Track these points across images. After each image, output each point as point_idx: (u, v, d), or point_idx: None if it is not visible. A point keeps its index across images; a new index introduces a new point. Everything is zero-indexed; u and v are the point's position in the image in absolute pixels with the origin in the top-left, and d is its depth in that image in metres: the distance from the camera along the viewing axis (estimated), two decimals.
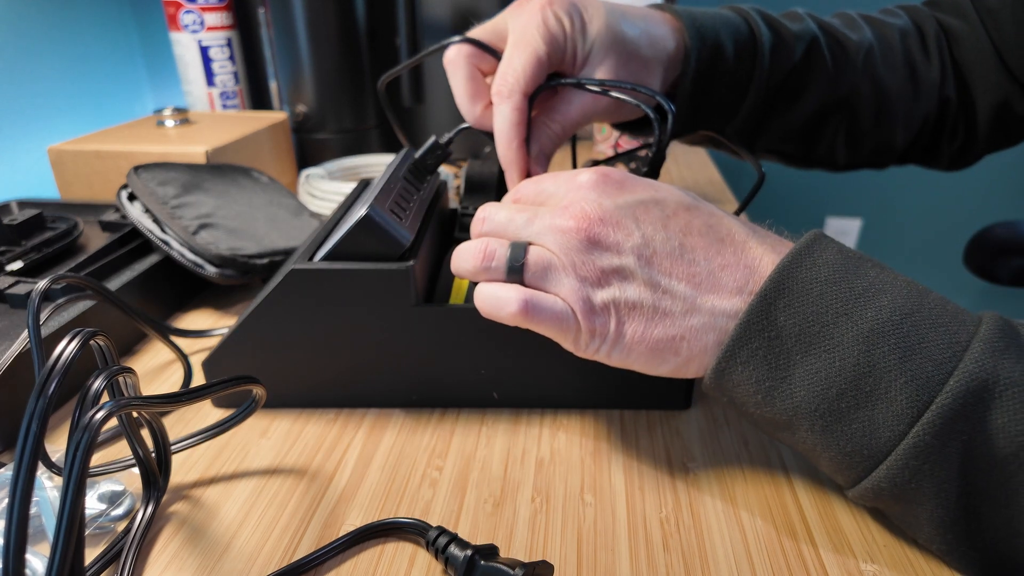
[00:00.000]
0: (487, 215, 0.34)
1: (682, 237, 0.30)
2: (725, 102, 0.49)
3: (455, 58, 0.42)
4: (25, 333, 0.37)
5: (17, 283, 0.43)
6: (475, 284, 0.39)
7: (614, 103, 0.43)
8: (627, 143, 0.90)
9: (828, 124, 0.53)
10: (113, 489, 0.33)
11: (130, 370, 0.28)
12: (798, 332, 0.28)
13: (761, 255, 0.30)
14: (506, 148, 0.41)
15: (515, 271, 0.31)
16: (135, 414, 0.32)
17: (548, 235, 0.31)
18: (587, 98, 0.42)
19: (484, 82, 0.44)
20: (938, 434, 0.25)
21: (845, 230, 1.84)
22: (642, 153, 0.56)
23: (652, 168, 0.43)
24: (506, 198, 0.36)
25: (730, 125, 0.50)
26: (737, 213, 0.40)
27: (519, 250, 0.31)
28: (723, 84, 0.48)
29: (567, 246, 0.30)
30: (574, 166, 0.45)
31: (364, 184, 0.50)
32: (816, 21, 0.52)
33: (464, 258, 0.33)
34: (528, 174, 0.42)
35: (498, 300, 0.32)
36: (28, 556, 0.29)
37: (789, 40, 0.49)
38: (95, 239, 0.54)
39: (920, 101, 0.54)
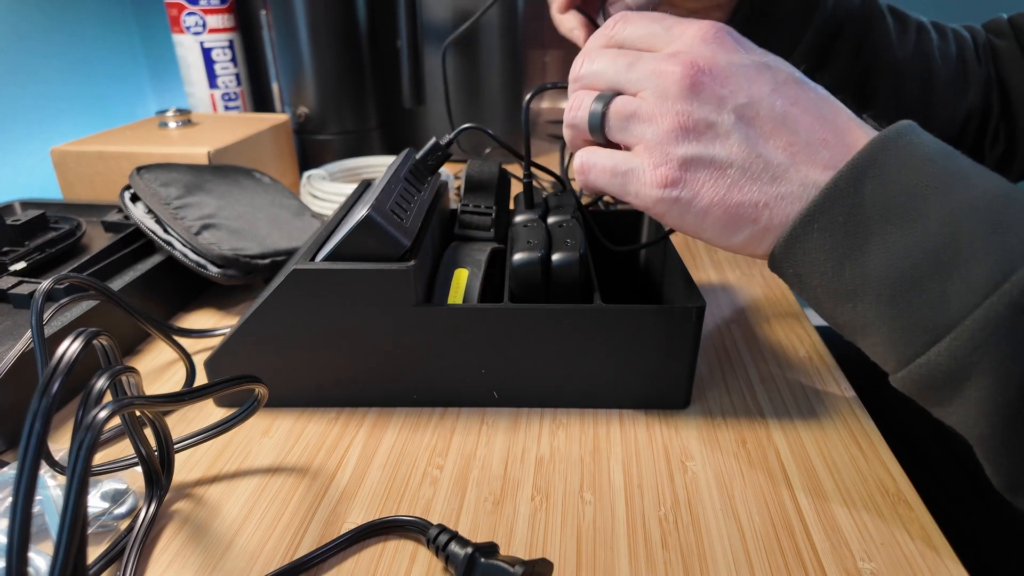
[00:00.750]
0: (584, 60, 0.33)
1: (788, 106, 0.29)
2: (789, 20, 0.49)
3: None
4: (28, 333, 0.37)
5: (20, 283, 0.44)
6: (475, 282, 0.40)
7: None
8: None
9: (878, 87, 0.52)
10: (116, 488, 0.33)
11: (133, 369, 0.28)
12: (884, 203, 0.26)
13: (861, 136, 0.29)
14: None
15: (596, 126, 0.31)
16: (138, 413, 0.32)
17: (649, 79, 0.30)
18: None
19: None
20: (1012, 304, 0.24)
21: None
22: None
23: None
24: (609, 35, 0.34)
25: (795, 53, 0.50)
26: None
27: (602, 102, 0.31)
28: (785, 5, 0.48)
29: (666, 92, 0.29)
30: (561, 165, 0.45)
31: (365, 185, 0.50)
32: None
33: (565, 118, 0.33)
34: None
35: (574, 161, 0.32)
36: (31, 555, 0.29)
37: None
38: (98, 239, 0.54)
39: (967, 95, 0.53)
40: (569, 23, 0.49)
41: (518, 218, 0.45)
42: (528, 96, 0.41)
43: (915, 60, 0.52)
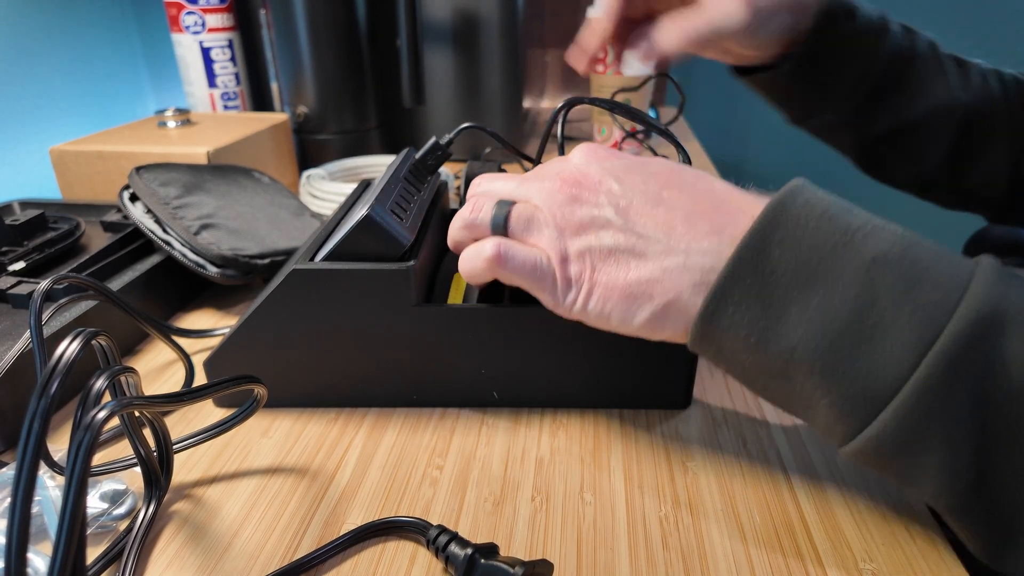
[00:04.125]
0: (479, 181, 0.37)
1: (660, 190, 0.31)
2: (848, 71, 0.50)
3: None
4: (27, 333, 0.37)
5: (19, 283, 0.44)
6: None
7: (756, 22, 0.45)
8: (628, 145, 0.90)
9: (942, 130, 0.52)
10: (115, 488, 0.33)
11: (132, 370, 0.28)
12: (795, 267, 0.26)
13: (745, 202, 0.30)
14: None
15: (499, 224, 0.33)
16: (137, 413, 0.32)
17: (534, 193, 0.33)
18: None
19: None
20: (949, 366, 0.24)
21: None
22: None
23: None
24: (476, 181, 0.38)
25: (849, 100, 0.51)
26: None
27: (504, 206, 0.34)
28: (850, 45, 0.49)
29: (550, 200, 0.32)
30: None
31: (365, 185, 0.50)
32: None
33: (455, 222, 0.36)
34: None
35: (476, 251, 0.33)
36: (30, 555, 0.29)
37: (913, 31, 0.51)
38: (97, 239, 0.54)
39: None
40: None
41: None
42: (561, 109, 0.43)
43: (978, 105, 0.52)
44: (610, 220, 0.31)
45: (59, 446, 0.36)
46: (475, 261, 0.33)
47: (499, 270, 0.33)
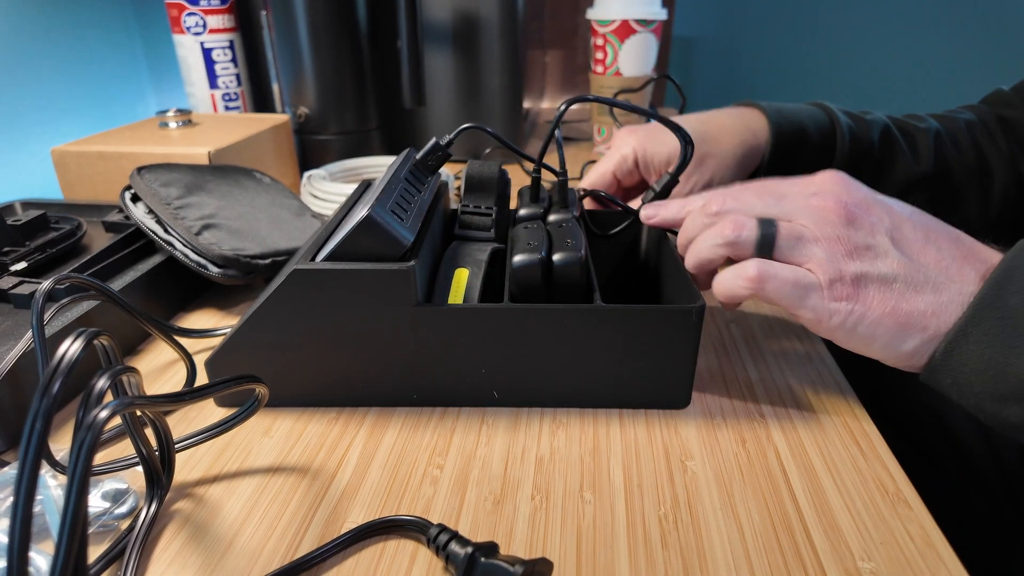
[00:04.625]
0: (726, 197, 0.36)
1: (925, 230, 0.34)
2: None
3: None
4: (29, 333, 0.37)
5: (21, 283, 0.44)
6: (476, 282, 0.40)
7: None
8: None
9: (913, 200, 0.56)
10: (117, 487, 0.33)
11: (133, 369, 0.28)
12: None
13: (990, 253, 0.33)
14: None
15: (767, 243, 0.34)
16: (138, 413, 0.32)
17: (803, 212, 0.34)
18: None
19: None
20: None
21: None
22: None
23: (664, 191, 0.45)
24: (717, 196, 0.38)
25: None
26: (674, 177, 0.45)
27: (770, 225, 0.34)
28: (804, 157, 0.53)
29: (824, 221, 0.33)
30: (562, 165, 0.46)
31: (366, 185, 0.50)
32: (885, 115, 0.57)
33: (707, 234, 0.36)
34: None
35: (737, 272, 0.34)
36: (32, 554, 0.29)
37: (864, 125, 0.55)
38: (98, 240, 0.54)
39: (994, 175, 0.57)
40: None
41: (522, 212, 0.46)
42: (561, 108, 0.43)
43: (936, 169, 0.55)
44: (887, 250, 0.33)
45: (61, 445, 0.36)
46: (736, 282, 0.34)
47: (760, 290, 0.33)
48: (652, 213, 0.43)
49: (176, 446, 0.35)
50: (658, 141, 0.54)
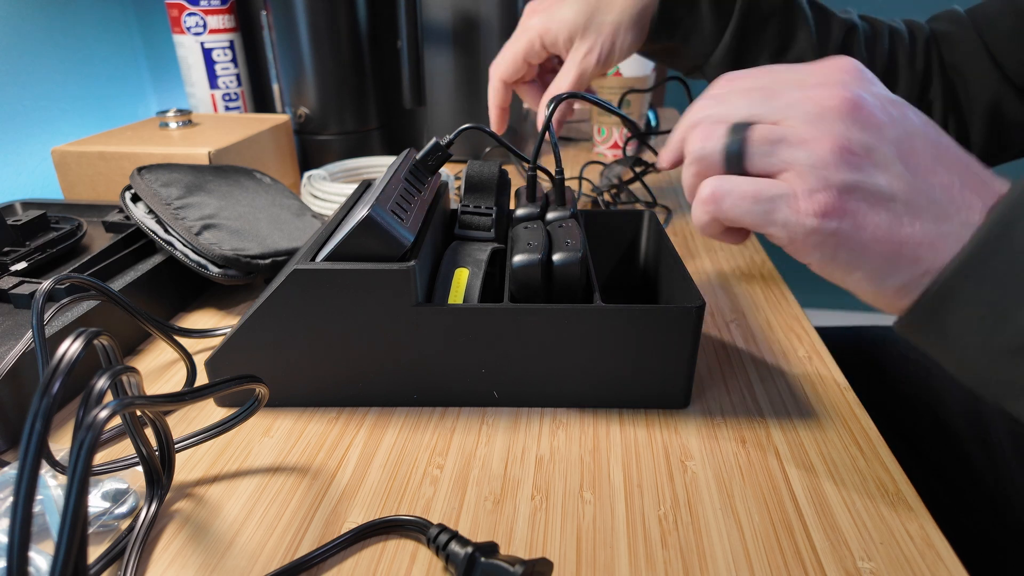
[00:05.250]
0: (708, 101, 0.31)
1: (936, 147, 0.28)
2: (707, 23, 0.54)
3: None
4: (29, 333, 0.37)
5: (21, 283, 0.44)
6: (476, 282, 0.40)
7: None
8: (632, 146, 0.90)
9: None
10: (117, 487, 0.33)
11: (133, 369, 0.28)
12: None
13: (1002, 183, 0.27)
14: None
15: (732, 153, 0.28)
16: (138, 413, 0.32)
17: (794, 107, 0.28)
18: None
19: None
20: None
21: None
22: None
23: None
24: (718, 89, 0.32)
25: (716, 49, 0.56)
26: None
27: (740, 130, 0.28)
28: (700, 9, 0.54)
29: (821, 115, 0.27)
30: (558, 163, 0.45)
31: (366, 185, 0.50)
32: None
33: (670, 146, 0.32)
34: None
35: (696, 200, 0.29)
36: (32, 554, 0.29)
37: None
38: (99, 240, 0.54)
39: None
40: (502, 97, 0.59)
41: (519, 211, 0.45)
42: (551, 106, 0.44)
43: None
44: (890, 160, 0.27)
45: (61, 445, 0.36)
46: (696, 208, 0.29)
47: (718, 212, 0.29)
48: (662, 158, 0.36)
49: (176, 446, 0.35)
50: (556, 18, 0.53)
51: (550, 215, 0.45)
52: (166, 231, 0.49)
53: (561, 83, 0.54)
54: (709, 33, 0.55)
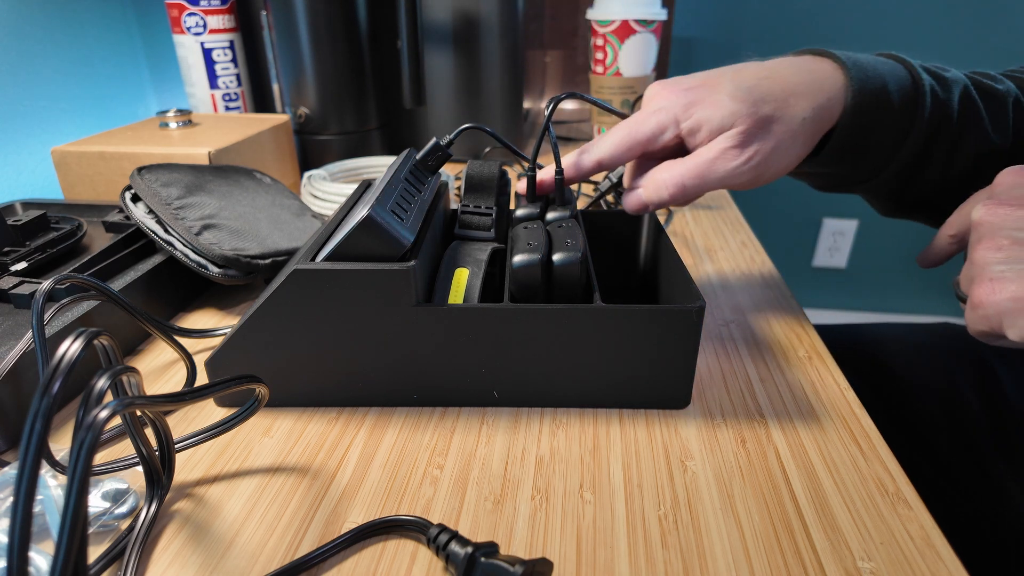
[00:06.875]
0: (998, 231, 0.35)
1: None
2: (884, 144, 0.46)
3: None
4: (29, 333, 0.37)
5: (21, 283, 0.44)
6: (476, 282, 0.40)
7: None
8: None
9: (984, 176, 0.47)
10: (117, 487, 0.33)
11: (133, 369, 0.28)
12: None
13: None
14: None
15: None
16: (139, 413, 0.32)
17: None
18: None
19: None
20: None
21: (842, 230, 1.84)
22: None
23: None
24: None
25: (885, 171, 0.47)
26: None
27: None
28: (884, 122, 0.45)
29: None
30: (558, 163, 0.45)
31: (366, 185, 0.50)
32: (963, 73, 0.49)
33: (953, 223, 0.39)
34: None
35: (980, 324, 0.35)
36: (32, 554, 0.29)
37: (946, 85, 0.47)
38: (99, 240, 0.54)
39: None
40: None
41: (519, 211, 0.45)
42: (550, 106, 0.43)
43: (1015, 142, 0.48)
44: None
45: (61, 445, 0.36)
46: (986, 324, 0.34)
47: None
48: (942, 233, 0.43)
49: (176, 446, 0.35)
50: (710, 101, 0.42)
51: (550, 215, 0.45)
52: (166, 231, 0.49)
53: (676, 171, 0.43)
54: (886, 154, 0.47)
